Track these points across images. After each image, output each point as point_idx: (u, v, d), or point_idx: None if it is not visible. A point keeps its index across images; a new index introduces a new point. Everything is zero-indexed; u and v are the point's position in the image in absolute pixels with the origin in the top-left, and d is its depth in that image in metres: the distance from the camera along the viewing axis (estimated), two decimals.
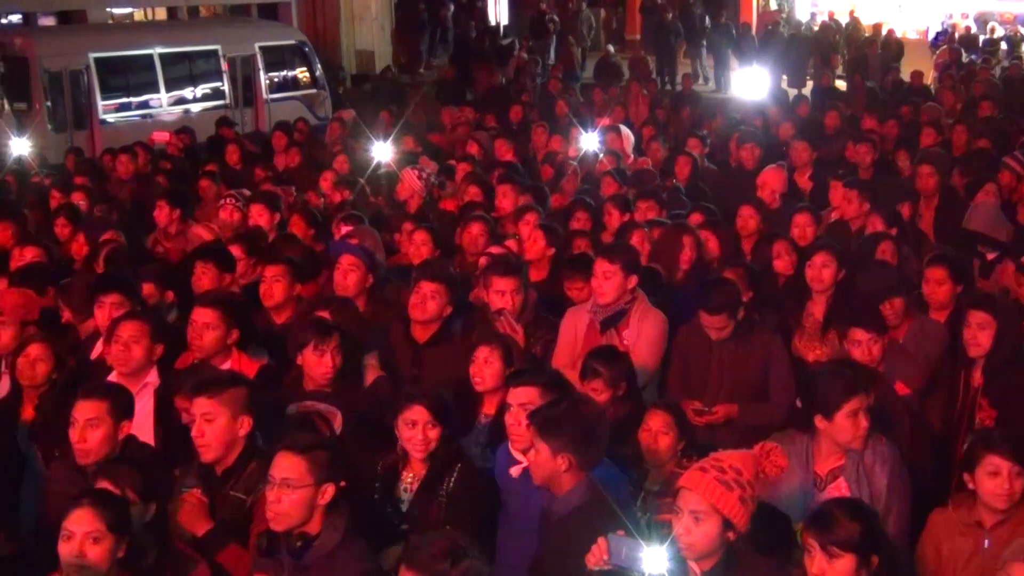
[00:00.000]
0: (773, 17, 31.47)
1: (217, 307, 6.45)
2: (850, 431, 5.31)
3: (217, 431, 5.18)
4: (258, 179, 12.24)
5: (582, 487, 4.93)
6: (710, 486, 4.34)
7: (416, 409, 5.41)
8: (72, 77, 20.64)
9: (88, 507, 4.42)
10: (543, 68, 28.09)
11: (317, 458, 4.64)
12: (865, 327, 6.40)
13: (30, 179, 13.72)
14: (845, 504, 4.47)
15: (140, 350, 6.21)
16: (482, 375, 6.16)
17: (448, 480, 5.41)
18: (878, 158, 12.03)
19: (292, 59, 24.52)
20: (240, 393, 5.27)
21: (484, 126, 16.76)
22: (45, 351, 6.32)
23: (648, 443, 5.71)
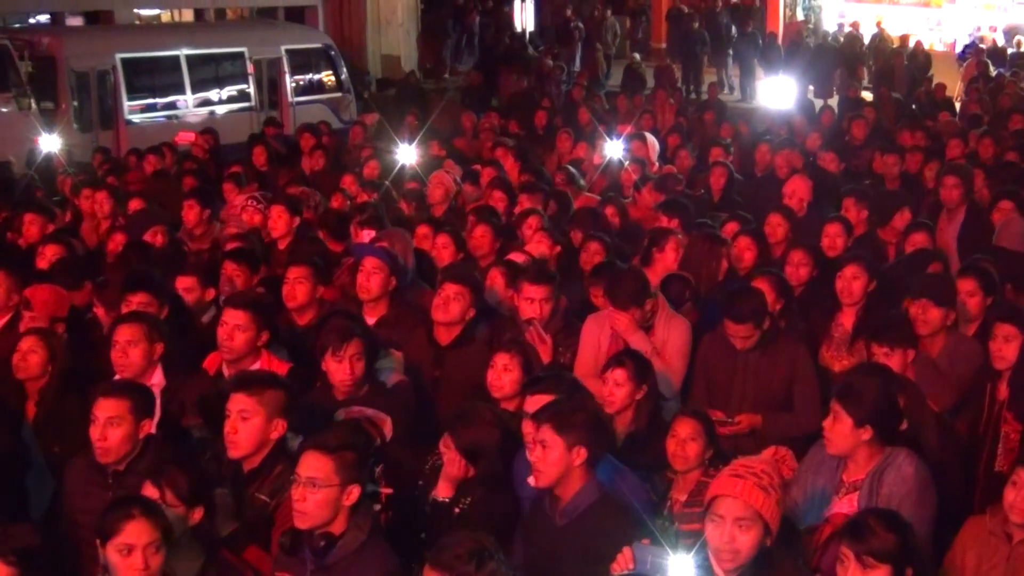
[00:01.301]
0: (799, 27, 31.38)
1: (248, 309, 6.42)
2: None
3: (251, 430, 5.17)
4: (283, 182, 12.25)
5: (592, 486, 4.92)
6: (752, 492, 4.29)
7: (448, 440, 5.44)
8: (99, 77, 20.73)
9: (142, 518, 4.38)
10: (568, 75, 28.08)
11: (344, 458, 4.62)
12: (881, 342, 6.37)
13: (57, 176, 13.76)
14: (882, 515, 4.43)
15: (138, 352, 6.21)
16: (500, 382, 6.16)
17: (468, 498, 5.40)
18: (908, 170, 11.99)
19: (318, 62, 24.57)
20: (279, 396, 5.27)
21: (508, 132, 16.77)
22: (37, 343, 6.33)
23: (675, 450, 5.67)
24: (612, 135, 14.45)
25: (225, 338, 6.39)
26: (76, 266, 8.11)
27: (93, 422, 5.30)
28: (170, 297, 7.22)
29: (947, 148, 13.30)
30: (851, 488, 5.32)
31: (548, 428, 4.92)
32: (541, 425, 4.95)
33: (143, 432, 5.37)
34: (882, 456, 5.28)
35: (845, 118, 16.56)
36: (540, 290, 7.08)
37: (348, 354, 6.05)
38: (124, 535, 4.35)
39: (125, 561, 4.34)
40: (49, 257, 8.43)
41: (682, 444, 5.67)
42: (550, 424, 4.93)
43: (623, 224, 10.04)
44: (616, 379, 6.06)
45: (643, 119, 16.91)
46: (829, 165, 12.08)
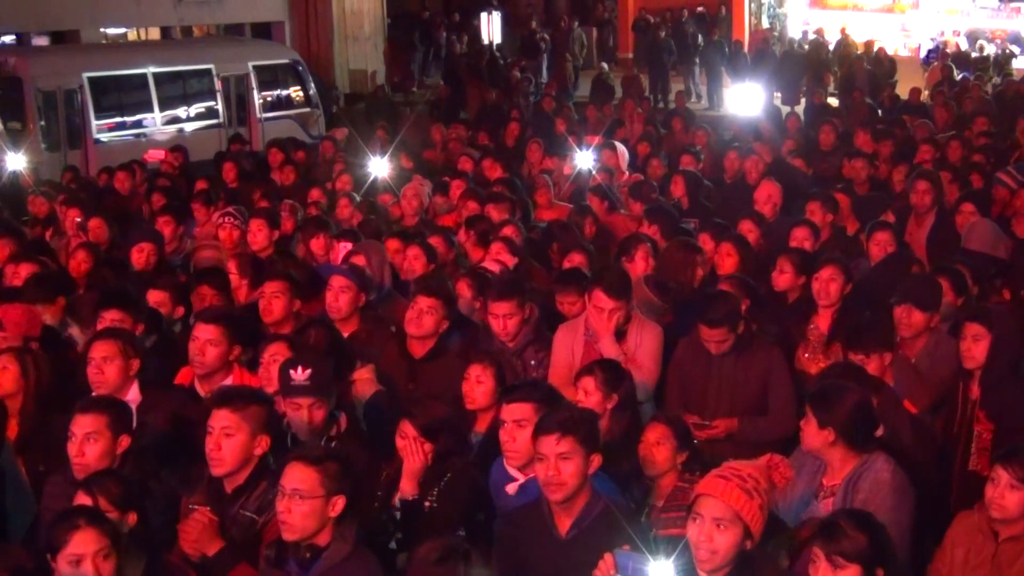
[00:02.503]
0: (765, 35, 31.56)
1: (219, 323, 6.42)
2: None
3: (235, 447, 5.12)
4: (257, 197, 12.24)
5: (596, 497, 4.92)
6: (733, 493, 4.31)
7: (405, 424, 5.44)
8: (66, 96, 20.62)
9: (88, 527, 4.38)
10: (536, 87, 28.16)
11: (328, 469, 4.62)
12: (856, 350, 6.42)
13: (28, 196, 13.71)
14: (853, 515, 4.46)
15: (114, 369, 6.18)
16: (474, 394, 6.16)
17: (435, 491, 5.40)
18: (873, 174, 12.06)
19: (286, 78, 24.54)
20: (262, 411, 5.24)
21: (476, 144, 16.81)
22: (9, 360, 6.27)
23: (645, 454, 5.70)
24: (582, 145, 14.50)
25: (196, 353, 6.38)
26: (49, 281, 8.08)
27: (71, 438, 5.28)
28: (146, 313, 7.20)
29: (918, 152, 13.39)
30: (830, 492, 5.36)
31: (572, 440, 4.86)
32: (564, 437, 4.85)
33: (121, 448, 5.34)
34: (858, 461, 5.32)
35: (813, 124, 16.65)
36: (504, 306, 7.06)
37: (306, 404, 5.79)
38: (72, 546, 4.35)
39: (76, 572, 4.35)
40: (23, 276, 8.40)
41: (650, 448, 5.69)
42: (575, 437, 4.86)
43: (595, 232, 10.08)
44: (585, 387, 6.06)
45: (616, 130, 16.98)
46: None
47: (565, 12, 35.17)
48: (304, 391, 5.66)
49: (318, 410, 5.69)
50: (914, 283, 7.25)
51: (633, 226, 10.09)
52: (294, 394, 5.68)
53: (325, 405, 5.73)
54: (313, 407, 5.68)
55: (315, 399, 5.68)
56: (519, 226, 9.51)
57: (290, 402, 5.70)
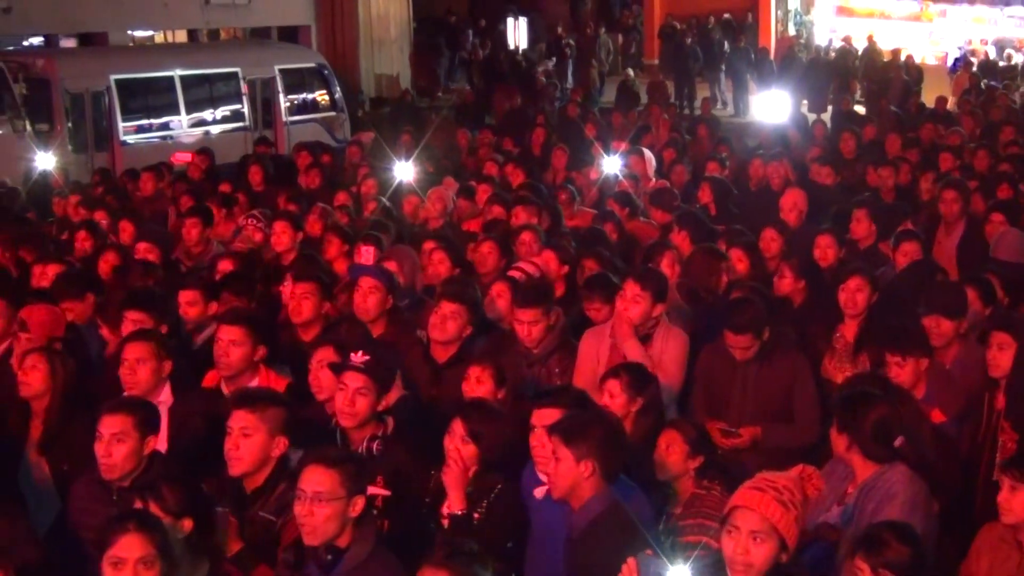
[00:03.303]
0: (791, 42, 31.51)
1: (243, 324, 6.43)
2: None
3: (252, 447, 5.15)
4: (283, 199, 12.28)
5: (602, 497, 4.94)
6: (770, 506, 4.28)
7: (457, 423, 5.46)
8: (93, 99, 20.75)
9: (136, 532, 4.36)
10: (561, 92, 28.17)
11: (347, 471, 4.63)
12: (895, 351, 6.39)
13: (53, 197, 13.79)
14: (896, 527, 4.45)
15: (146, 370, 6.20)
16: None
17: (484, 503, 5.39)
18: (902, 182, 12.02)
19: (311, 82, 24.62)
20: (280, 412, 5.25)
21: (502, 149, 16.82)
22: (38, 360, 6.27)
23: (657, 458, 5.71)
24: (608, 151, 14.49)
25: (221, 354, 6.39)
26: (79, 278, 8.12)
27: (98, 438, 5.30)
28: (171, 316, 7.21)
29: (940, 161, 13.34)
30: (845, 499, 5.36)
31: (557, 441, 4.98)
32: (551, 437, 5.00)
33: (148, 448, 5.36)
34: (877, 471, 5.30)
35: (838, 132, 16.61)
36: (529, 313, 7.03)
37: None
38: (117, 548, 4.35)
39: (115, 574, 4.34)
40: (50, 276, 8.44)
41: (660, 452, 5.70)
42: (559, 437, 4.98)
43: (618, 239, 10.06)
44: (610, 390, 6.09)
45: (643, 136, 16.97)
46: (824, 179, 12.12)
47: (591, 18, 35.15)
48: (354, 368, 5.64)
49: (362, 396, 5.63)
50: (938, 292, 7.23)
51: (655, 233, 10.07)
52: (344, 370, 5.66)
53: (371, 395, 5.66)
54: (359, 392, 5.62)
55: (364, 383, 5.62)
56: (538, 231, 9.48)
57: (339, 381, 5.67)
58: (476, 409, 5.58)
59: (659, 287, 7.07)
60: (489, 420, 5.50)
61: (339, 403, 5.65)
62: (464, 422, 5.45)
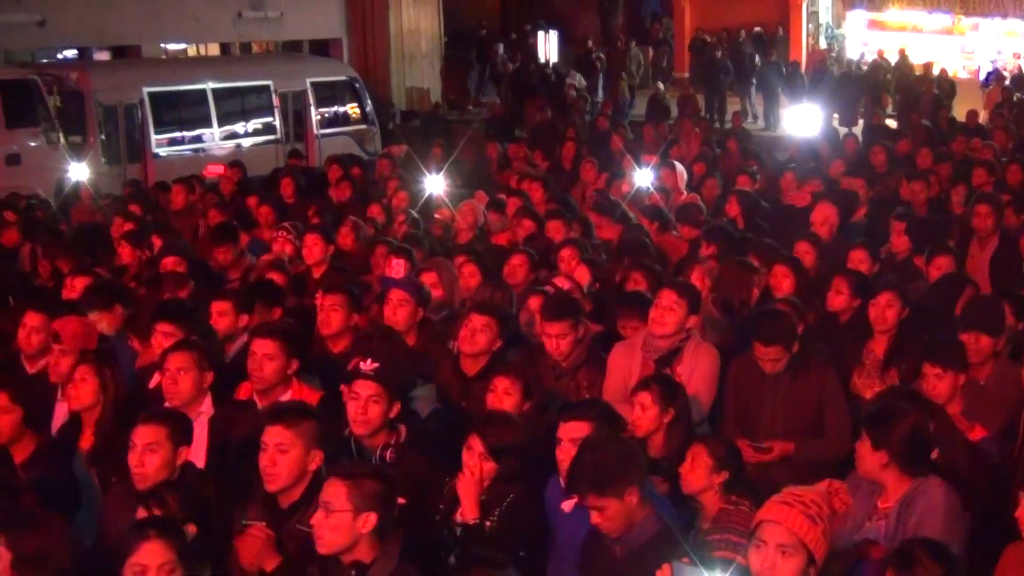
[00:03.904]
0: (823, 56, 31.42)
1: (277, 337, 6.44)
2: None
3: (289, 463, 5.12)
4: (313, 212, 12.33)
5: (652, 518, 4.92)
6: (798, 520, 4.27)
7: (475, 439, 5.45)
8: (126, 111, 20.92)
9: (157, 539, 4.39)
10: (591, 105, 28.19)
11: (360, 485, 4.63)
12: (935, 362, 6.36)
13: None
14: (928, 544, 4.42)
15: (188, 380, 6.23)
16: (500, 406, 6.14)
17: (496, 511, 5.39)
18: (933, 196, 11.97)
19: (343, 95, 24.73)
20: (315, 426, 5.23)
21: (533, 163, 16.84)
22: (88, 372, 6.30)
23: (682, 472, 5.70)
24: (639, 164, 14.50)
25: (255, 368, 6.40)
26: (106, 290, 8.18)
27: (131, 448, 5.32)
28: (201, 328, 7.25)
29: (972, 175, 13.27)
30: (883, 515, 5.30)
31: (597, 495, 4.89)
32: (590, 495, 4.90)
33: (180, 459, 5.39)
34: (912, 484, 5.27)
35: (870, 146, 16.55)
36: (556, 326, 7.01)
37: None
38: (138, 555, 4.37)
39: None
40: (79, 288, 8.49)
41: (686, 467, 5.68)
42: (595, 492, 4.89)
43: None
44: (642, 402, 6.08)
45: (672, 148, 16.96)
46: (858, 191, 12.05)
47: (621, 31, 35.18)
48: (365, 376, 5.64)
49: (375, 404, 5.64)
50: (978, 308, 7.17)
51: (684, 247, 10.05)
52: (355, 378, 5.67)
53: (383, 403, 5.67)
54: (371, 400, 5.64)
55: (375, 391, 5.63)
56: (583, 244, 9.48)
57: (350, 390, 5.69)
58: (492, 424, 5.56)
59: (694, 298, 7.07)
60: (507, 435, 5.49)
61: (352, 412, 5.66)
62: (481, 439, 5.44)
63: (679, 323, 6.94)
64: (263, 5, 28.41)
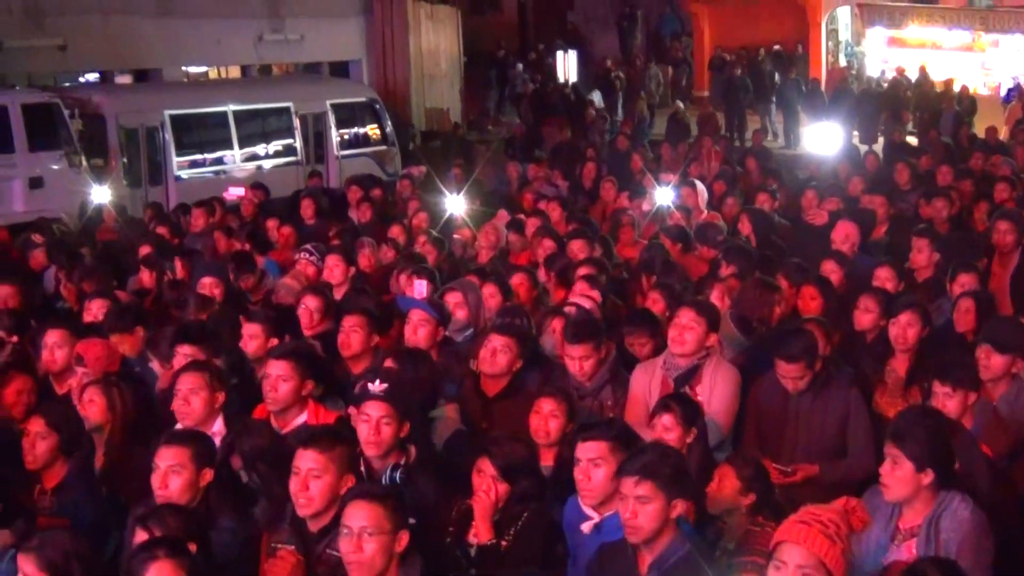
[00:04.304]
0: (843, 73, 31.39)
1: (290, 359, 6.43)
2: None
3: (322, 488, 5.06)
4: (333, 234, 12.35)
5: (679, 538, 4.88)
6: (817, 540, 4.24)
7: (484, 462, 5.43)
8: (147, 134, 20.99)
9: (167, 559, 4.38)
10: (611, 125, 28.23)
11: (391, 505, 4.62)
12: (944, 381, 6.31)
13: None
14: (939, 564, 4.39)
15: (199, 402, 6.24)
16: (546, 427, 6.12)
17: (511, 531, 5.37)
18: (955, 213, 11.93)
19: (363, 116, 24.81)
20: (347, 452, 5.22)
21: (552, 182, 16.86)
22: (96, 393, 6.35)
23: (709, 492, 5.68)
24: (659, 183, 14.49)
25: (269, 389, 6.39)
26: (127, 312, 8.22)
27: (154, 470, 5.32)
28: (227, 349, 7.25)
29: (995, 191, 13.22)
30: (908, 535, 5.26)
31: (649, 484, 4.82)
32: (642, 481, 4.82)
33: (204, 480, 5.38)
34: (937, 501, 5.24)
35: (891, 163, 16.52)
36: (579, 348, 6.99)
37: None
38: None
39: None
40: (95, 312, 8.53)
41: (713, 487, 5.67)
42: (652, 481, 4.82)
43: None
44: (666, 424, 6.06)
45: (691, 167, 16.96)
46: (878, 209, 12.03)
47: (640, 51, 35.23)
48: (376, 397, 5.62)
49: (387, 426, 5.61)
50: (996, 324, 7.13)
51: (705, 267, 10.04)
52: (365, 399, 5.65)
53: (394, 423, 5.63)
54: (382, 420, 5.60)
55: (386, 412, 5.60)
56: (603, 263, 9.48)
57: (360, 412, 5.66)
58: (500, 445, 5.54)
59: (712, 316, 7.05)
60: (516, 455, 5.48)
61: (364, 433, 5.62)
62: (491, 460, 5.42)
63: (698, 341, 6.92)
64: (283, 28, 28.54)
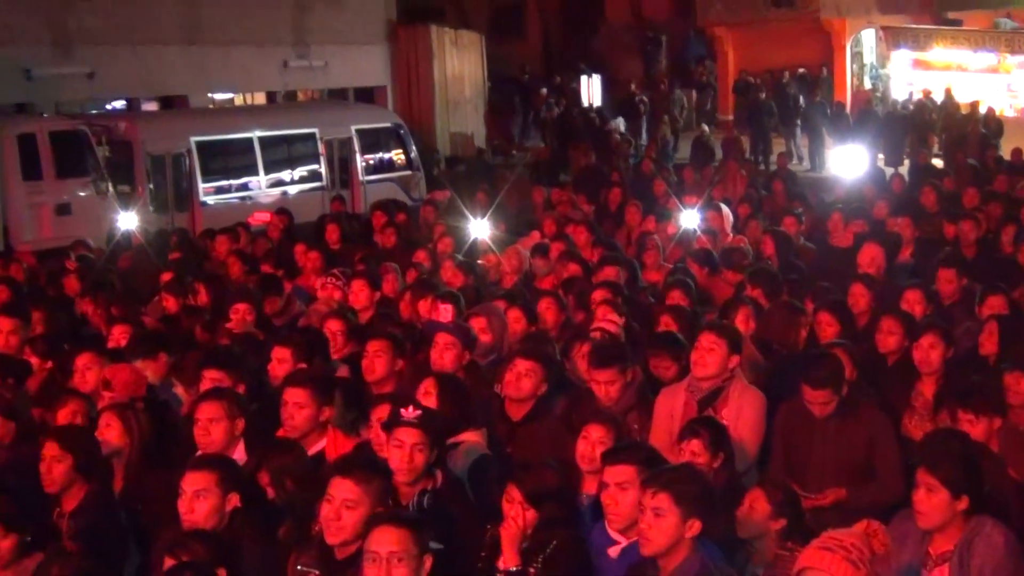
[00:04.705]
0: (867, 96, 31.33)
1: (307, 386, 6.42)
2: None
3: (355, 519, 5.00)
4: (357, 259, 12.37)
5: (695, 559, 4.86)
6: (840, 565, 4.25)
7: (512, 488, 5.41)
8: (174, 160, 21.15)
9: None
10: (635, 149, 28.24)
11: (417, 529, 4.62)
12: (967, 408, 6.30)
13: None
14: None
15: (219, 430, 6.22)
16: (592, 455, 6.04)
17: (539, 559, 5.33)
18: (982, 235, 11.87)
19: (388, 141, 24.93)
20: (383, 484, 5.19)
21: (576, 206, 16.86)
22: (112, 418, 6.37)
23: (740, 516, 5.66)
24: (683, 207, 14.49)
25: (287, 416, 6.39)
26: (150, 339, 8.25)
27: (181, 495, 5.33)
28: (250, 374, 7.25)
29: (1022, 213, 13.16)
30: (939, 560, 5.23)
31: (666, 496, 4.85)
32: (658, 493, 4.86)
33: (230, 505, 5.38)
34: (968, 526, 5.20)
35: (918, 186, 16.47)
36: (605, 373, 6.98)
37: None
38: None
39: None
40: (117, 337, 8.57)
41: (744, 512, 5.65)
42: (668, 493, 4.85)
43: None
44: (694, 450, 6.03)
45: (715, 190, 16.95)
46: (904, 231, 11.99)
47: (664, 75, 35.27)
48: (410, 424, 5.60)
49: (419, 453, 5.59)
50: None
51: (730, 291, 10.02)
52: (399, 426, 5.63)
53: (427, 450, 5.63)
54: (416, 448, 5.58)
55: (419, 439, 5.59)
56: (618, 286, 9.46)
57: (393, 438, 5.64)
58: (529, 472, 5.52)
59: (734, 338, 7.03)
60: (544, 481, 5.45)
61: (396, 460, 5.59)
62: (519, 487, 5.40)
63: (720, 364, 6.90)
64: (308, 54, 28.71)
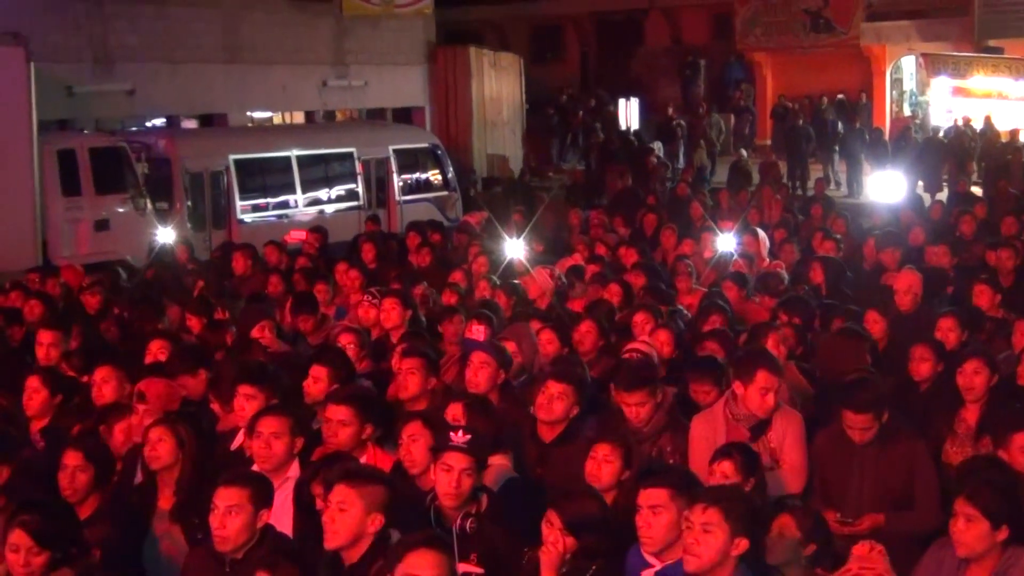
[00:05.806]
0: (906, 122, 31.20)
1: (351, 403, 6.46)
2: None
3: (347, 521, 5.14)
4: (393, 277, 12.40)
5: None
6: None
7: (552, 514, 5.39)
8: (212, 178, 21.26)
9: None
10: (672, 172, 28.22)
11: (449, 551, 4.62)
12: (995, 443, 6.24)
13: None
14: None
15: (281, 446, 6.23)
16: (599, 472, 6.07)
17: None
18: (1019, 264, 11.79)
19: (424, 161, 24.99)
20: (379, 491, 5.24)
21: (613, 229, 16.85)
22: (164, 432, 6.33)
23: (768, 542, 5.55)
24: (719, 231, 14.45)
25: (330, 434, 6.41)
26: (191, 354, 8.26)
27: (213, 510, 5.35)
28: (282, 390, 7.28)
29: None
30: None
31: (716, 512, 4.85)
32: (708, 508, 4.86)
33: (261, 522, 5.40)
34: (1004, 555, 5.14)
35: (954, 213, 16.38)
36: (635, 396, 6.98)
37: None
38: None
39: None
40: (155, 352, 8.59)
41: (773, 538, 5.57)
42: (718, 508, 4.85)
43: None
44: (725, 472, 5.98)
45: (750, 213, 16.91)
46: (941, 259, 11.93)
47: (702, 99, 35.26)
48: (459, 449, 5.61)
49: (468, 477, 5.60)
50: None
51: (765, 315, 9.98)
52: (448, 450, 5.63)
53: (475, 475, 5.65)
54: (464, 472, 5.59)
55: (468, 464, 5.60)
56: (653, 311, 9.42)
57: (441, 462, 5.65)
58: (570, 499, 5.48)
59: (779, 369, 6.99)
60: (585, 510, 5.41)
61: (444, 484, 5.61)
62: (558, 513, 5.36)
63: (777, 397, 6.84)
64: (348, 74, 28.86)
